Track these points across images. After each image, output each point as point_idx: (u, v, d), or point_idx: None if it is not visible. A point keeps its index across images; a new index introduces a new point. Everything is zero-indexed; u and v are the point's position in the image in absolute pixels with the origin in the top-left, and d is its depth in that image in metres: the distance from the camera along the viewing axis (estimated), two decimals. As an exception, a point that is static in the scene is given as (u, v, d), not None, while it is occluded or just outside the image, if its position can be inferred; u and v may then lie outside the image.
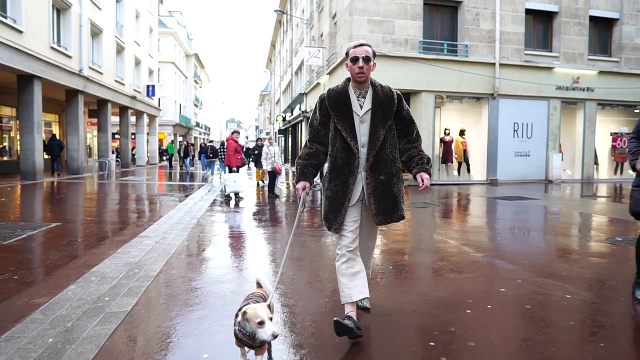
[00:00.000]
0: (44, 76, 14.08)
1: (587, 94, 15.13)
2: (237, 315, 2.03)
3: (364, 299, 2.78)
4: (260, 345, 2.00)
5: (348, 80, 2.64)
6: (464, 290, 3.41)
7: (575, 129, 15.75)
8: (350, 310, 2.51)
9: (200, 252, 4.77)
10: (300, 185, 2.61)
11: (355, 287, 2.52)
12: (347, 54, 2.57)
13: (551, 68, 14.66)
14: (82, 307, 2.94)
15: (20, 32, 12.70)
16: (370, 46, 2.53)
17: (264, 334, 1.91)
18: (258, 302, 2.08)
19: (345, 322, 2.33)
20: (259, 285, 2.36)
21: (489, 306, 3.04)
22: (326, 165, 2.69)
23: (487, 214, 8.31)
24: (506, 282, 3.63)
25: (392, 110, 2.55)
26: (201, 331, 2.62)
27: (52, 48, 14.75)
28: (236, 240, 5.53)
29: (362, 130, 2.54)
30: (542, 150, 15.02)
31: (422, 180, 2.47)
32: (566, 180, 15.30)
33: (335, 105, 2.56)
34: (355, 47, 2.52)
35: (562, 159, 15.26)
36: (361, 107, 2.55)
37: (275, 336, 1.92)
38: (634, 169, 3.13)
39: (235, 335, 2.04)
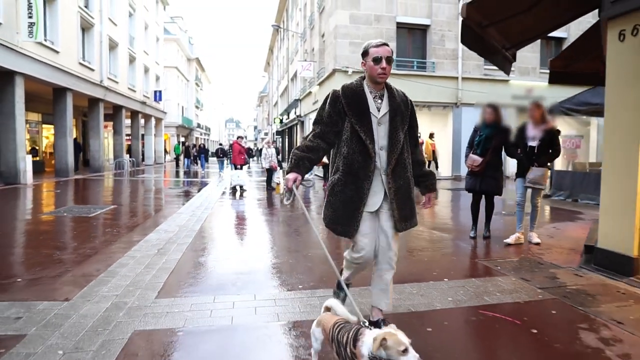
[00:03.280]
0: (74, 88, 16.54)
1: (540, 103, 17.61)
2: (354, 344, 1.82)
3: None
4: None
5: (362, 78, 2.53)
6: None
7: (530, 132, 18.20)
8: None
9: (221, 221, 7.27)
10: (291, 176, 2.36)
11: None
12: (365, 52, 2.44)
13: (507, 80, 17.15)
14: (163, 242, 5.38)
15: (56, 52, 15.13)
16: (389, 45, 2.42)
17: None
18: (347, 327, 1.92)
19: None
20: (327, 309, 2.16)
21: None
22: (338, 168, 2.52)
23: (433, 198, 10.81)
24: (411, 235, 6.10)
25: (408, 115, 2.51)
26: (230, 245, 5.11)
27: (80, 63, 17.19)
28: (242, 215, 8.02)
29: (380, 133, 2.44)
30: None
31: (429, 200, 2.77)
32: (522, 177, 17.78)
33: (352, 104, 2.43)
34: (377, 46, 2.39)
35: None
36: (379, 109, 2.45)
37: None
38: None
39: None
